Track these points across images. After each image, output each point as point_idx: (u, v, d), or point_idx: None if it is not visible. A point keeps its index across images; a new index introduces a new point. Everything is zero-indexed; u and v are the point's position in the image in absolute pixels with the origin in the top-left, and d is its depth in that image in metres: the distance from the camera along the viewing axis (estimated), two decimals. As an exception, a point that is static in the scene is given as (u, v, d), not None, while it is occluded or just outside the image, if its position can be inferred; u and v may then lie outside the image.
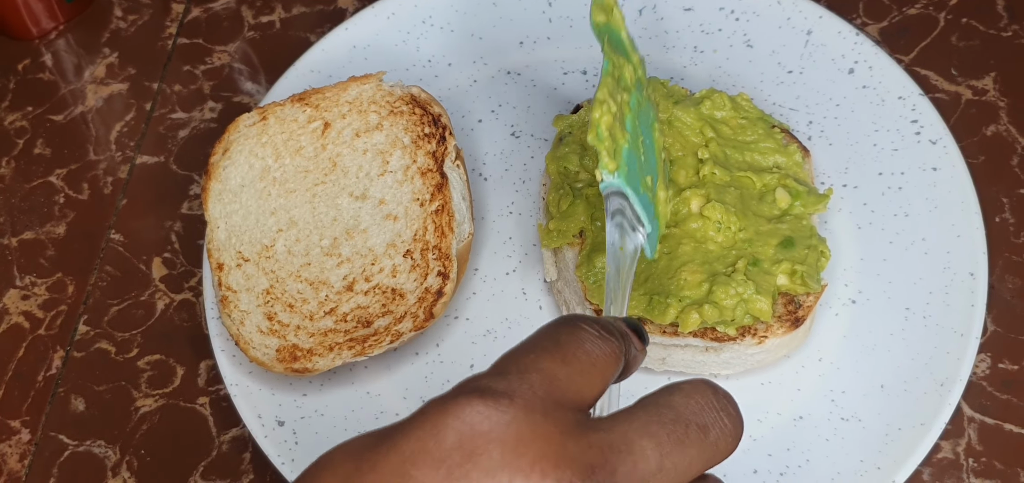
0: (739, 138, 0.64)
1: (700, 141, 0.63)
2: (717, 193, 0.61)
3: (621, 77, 0.55)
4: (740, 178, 0.62)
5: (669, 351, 0.60)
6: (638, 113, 0.56)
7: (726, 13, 0.73)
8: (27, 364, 0.68)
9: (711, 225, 0.60)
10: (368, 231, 0.63)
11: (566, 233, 0.62)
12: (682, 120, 0.64)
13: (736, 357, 0.60)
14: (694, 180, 0.62)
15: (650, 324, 0.59)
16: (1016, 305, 0.65)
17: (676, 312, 0.58)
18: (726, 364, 0.60)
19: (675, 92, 0.66)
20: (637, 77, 0.57)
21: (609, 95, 0.53)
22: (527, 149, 0.71)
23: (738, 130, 0.65)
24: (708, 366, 0.61)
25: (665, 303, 0.58)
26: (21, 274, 0.71)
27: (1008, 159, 0.70)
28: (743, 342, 0.59)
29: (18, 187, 0.75)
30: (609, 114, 0.52)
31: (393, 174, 0.64)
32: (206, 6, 0.81)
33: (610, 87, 0.54)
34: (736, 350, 0.59)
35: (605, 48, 0.56)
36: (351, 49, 0.74)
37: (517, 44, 0.74)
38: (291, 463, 0.60)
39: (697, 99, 0.65)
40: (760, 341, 0.59)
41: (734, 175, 0.62)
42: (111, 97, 0.78)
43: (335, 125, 0.66)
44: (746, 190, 0.62)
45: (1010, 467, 0.60)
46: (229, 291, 0.63)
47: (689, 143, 0.63)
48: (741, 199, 0.61)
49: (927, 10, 0.76)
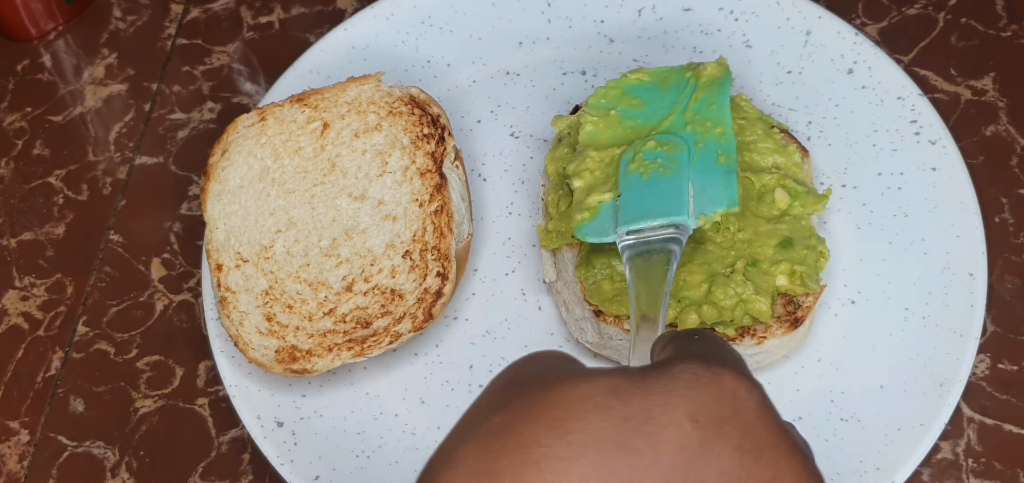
0: (738, 138, 0.64)
1: None
2: None
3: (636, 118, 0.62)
4: (739, 178, 0.62)
5: None
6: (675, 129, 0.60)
7: (725, 13, 0.73)
8: (26, 365, 0.68)
9: (710, 226, 0.60)
10: (367, 232, 0.63)
11: (565, 234, 0.62)
12: None
13: None
14: None
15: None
16: (1015, 305, 0.65)
17: (675, 312, 0.58)
18: None
19: None
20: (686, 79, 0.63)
21: (588, 166, 0.60)
22: (526, 150, 0.71)
23: (737, 130, 0.65)
24: None
25: None
26: (20, 275, 0.71)
27: (1007, 159, 0.69)
28: (742, 342, 0.59)
29: (17, 188, 0.75)
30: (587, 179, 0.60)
31: (392, 175, 0.64)
32: (205, 7, 0.81)
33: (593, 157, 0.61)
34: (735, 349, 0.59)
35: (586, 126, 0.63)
36: (350, 50, 0.74)
37: (516, 45, 0.74)
38: (290, 464, 0.60)
39: None
40: (759, 342, 0.59)
41: None
42: (110, 98, 0.78)
43: (334, 126, 0.66)
44: (745, 190, 0.62)
45: (1009, 467, 0.60)
46: (228, 292, 0.63)
47: None
48: (740, 200, 0.61)
49: (926, 10, 0.76)
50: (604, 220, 0.58)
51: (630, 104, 0.63)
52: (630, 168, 0.59)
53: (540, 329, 0.65)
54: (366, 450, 0.61)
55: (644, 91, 0.64)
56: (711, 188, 0.57)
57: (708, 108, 0.61)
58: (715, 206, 0.56)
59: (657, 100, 0.63)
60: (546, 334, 0.64)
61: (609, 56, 0.73)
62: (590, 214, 0.58)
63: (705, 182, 0.57)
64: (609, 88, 0.64)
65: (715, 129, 0.60)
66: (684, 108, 0.62)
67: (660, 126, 0.61)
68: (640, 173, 0.58)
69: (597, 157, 0.61)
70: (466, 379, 0.63)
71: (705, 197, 0.57)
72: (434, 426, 0.62)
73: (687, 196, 0.57)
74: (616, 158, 0.60)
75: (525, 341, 0.64)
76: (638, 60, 0.73)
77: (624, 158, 0.60)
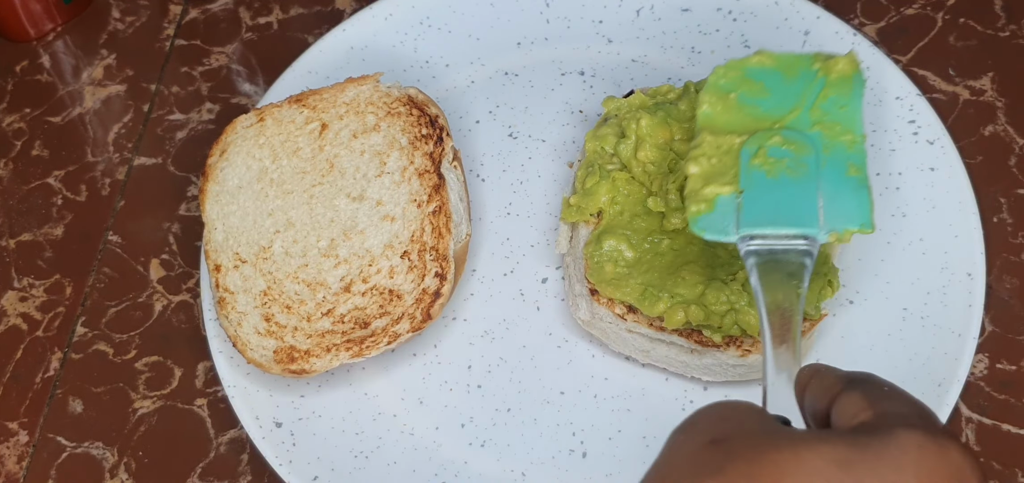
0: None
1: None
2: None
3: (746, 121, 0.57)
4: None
5: (654, 344, 0.60)
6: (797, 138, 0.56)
7: (724, 14, 0.73)
8: (25, 366, 0.68)
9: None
10: (365, 232, 0.63)
11: (584, 210, 0.62)
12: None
13: (717, 364, 0.59)
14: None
15: (639, 314, 0.59)
16: (1014, 305, 0.65)
17: (665, 306, 0.58)
18: (707, 370, 0.60)
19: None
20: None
21: (704, 151, 0.56)
22: (524, 150, 0.71)
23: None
24: (690, 368, 0.61)
25: (657, 296, 0.58)
26: (19, 276, 0.71)
27: (1006, 159, 0.69)
28: (726, 351, 0.59)
29: (16, 189, 0.75)
30: (703, 166, 0.55)
31: (390, 175, 0.64)
32: (204, 7, 0.81)
33: (707, 142, 0.56)
34: (718, 357, 0.59)
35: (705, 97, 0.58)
36: (349, 50, 0.74)
37: (515, 45, 0.74)
38: (288, 464, 0.60)
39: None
40: (743, 354, 0.58)
41: None
42: (109, 98, 0.78)
43: (332, 126, 0.66)
44: None
45: (1008, 467, 0.60)
46: (227, 292, 0.63)
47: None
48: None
49: (925, 10, 0.76)
50: (723, 216, 0.54)
51: (751, 89, 0.58)
52: (753, 163, 0.55)
53: (538, 329, 0.65)
54: (364, 450, 0.61)
55: (767, 76, 0.59)
56: (841, 202, 0.54)
57: (838, 110, 0.57)
58: (848, 223, 0.53)
59: (781, 89, 0.58)
60: (545, 334, 0.64)
61: (607, 56, 0.73)
62: (707, 206, 0.54)
63: (835, 194, 0.54)
64: (729, 68, 0.59)
65: (844, 135, 0.56)
66: (810, 105, 0.57)
67: (783, 120, 0.57)
68: (765, 171, 0.55)
69: (714, 143, 0.57)
70: (464, 379, 0.63)
71: (835, 211, 0.53)
72: (432, 426, 0.62)
73: (817, 206, 0.53)
74: (735, 148, 0.56)
75: (523, 341, 0.64)
76: (636, 60, 0.73)
77: (745, 149, 0.56)
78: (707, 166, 0.56)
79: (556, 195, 0.69)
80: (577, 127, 0.71)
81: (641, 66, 0.73)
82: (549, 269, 0.66)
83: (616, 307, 0.60)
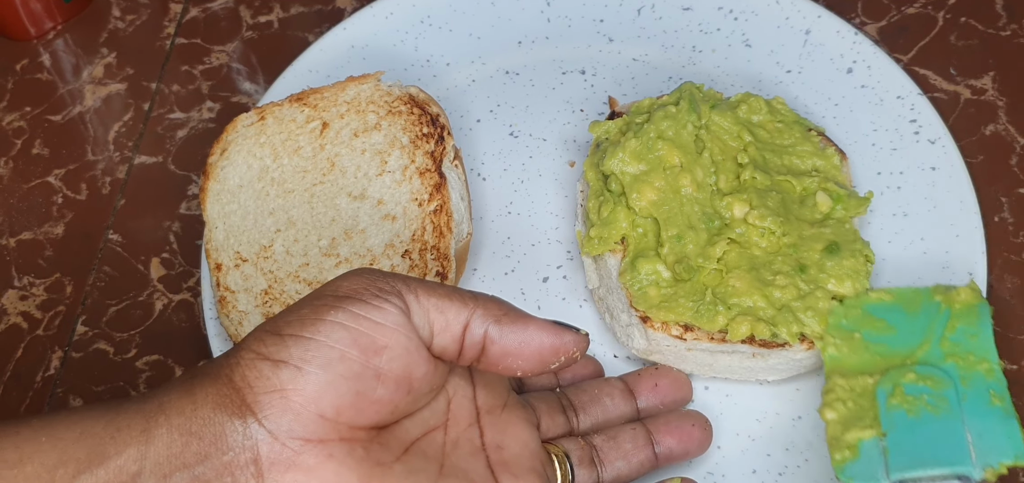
0: (776, 142, 0.64)
1: (739, 145, 0.63)
2: (759, 198, 0.60)
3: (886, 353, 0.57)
4: (780, 182, 0.62)
5: (716, 357, 0.59)
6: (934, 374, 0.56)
7: (725, 12, 0.73)
8: (25, 364, 0.68)
9: (755, 231, 0.59)
10: (366, 231, 0.63)
11: (607, 240, 0.61)
12: (719, 125, 0.63)
13: (783, 362, 0.59)
14: (735, 185, 0.61)
15: (697, 330, 0.58)
16: (1015, 304, 0.65)
17: (725, 320, 0.58)
18: (772, 370, 0.59)
19: (710, 96, 0.65)
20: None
21: (838, 395, 0.56)
22: (525, 149, 0.71)
23: (775, 134, 0.64)
24: (755, 371, 0.60)
25: (714, 310, 0.58)
26: (19, 274, 0.71)
27: (1007, 158, 0.69)
28: (791, 348, 0.58)
29: (16, 187, 0.75)
30: (841, 410, 0.55)
31: (391, 174, 0.64)
32: (204, 6, 0.81)
33: (841, 385, 0.56)
34: (784, 355, 0.58)
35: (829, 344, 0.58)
36: (349, 49, 0.74)
37: (515, 44, 0.74)
38: (290, 463, 0.60)
39: (733, 103, 0.65)
40: (809, 346, 0.58)
41: (774, 179, 0.62)
42: (109, 97, 0.78)
43: (333, 125, 0.66)
44: (787, 194, 0.61)
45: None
46: (227, 291, 0.63)
47: (728, 148, 0.63)
48: (783, 203, 0.61)
49: (926, 9, 0.76)
50: (871, 462, 0.53)
51: (875, 327, 0.58)
52: (891, 403, 0.55)
53: (539, 328, 0.65)
54: (365, 450, 0.61)
55: (888, 313, 0.58)
56: (990, 434, 0.53)
57: (969, 340, 0.57)
58: (1002, 457, 0.52)
59: (905, 325, 0.58)
60: (545, 333, 0.64)
61: (608, 55, 0.73)
62: (851, 454, 0.54)
63: (982, 427, 0.54)
64: (848, 307, 0.58)
65: (980, 364, 0.56)
66: (939, 337, 0.57)
67: (914, 355, 0.57)
68: (905, 410, 0.54)
69: (846, 385, 0.56)
70: (465, 378, 0.63)
71: (986, 445, 0.53)
72: (433, 426, 0.62)
73: (966, 441, 0.53)
74: (870, 389, 0.56)
75: (524, 340, 0.64)
76: (637, 59, 0.73)
77: (881, 390, 0.55)
78: (844, 410, 0.55)
79: (557, 193, 0.69)
80: (578, 126, 0.71)
81: (642, 65, 0.73)
82: (550, 268, 0.66)
83: (672, 329, 0.58)
